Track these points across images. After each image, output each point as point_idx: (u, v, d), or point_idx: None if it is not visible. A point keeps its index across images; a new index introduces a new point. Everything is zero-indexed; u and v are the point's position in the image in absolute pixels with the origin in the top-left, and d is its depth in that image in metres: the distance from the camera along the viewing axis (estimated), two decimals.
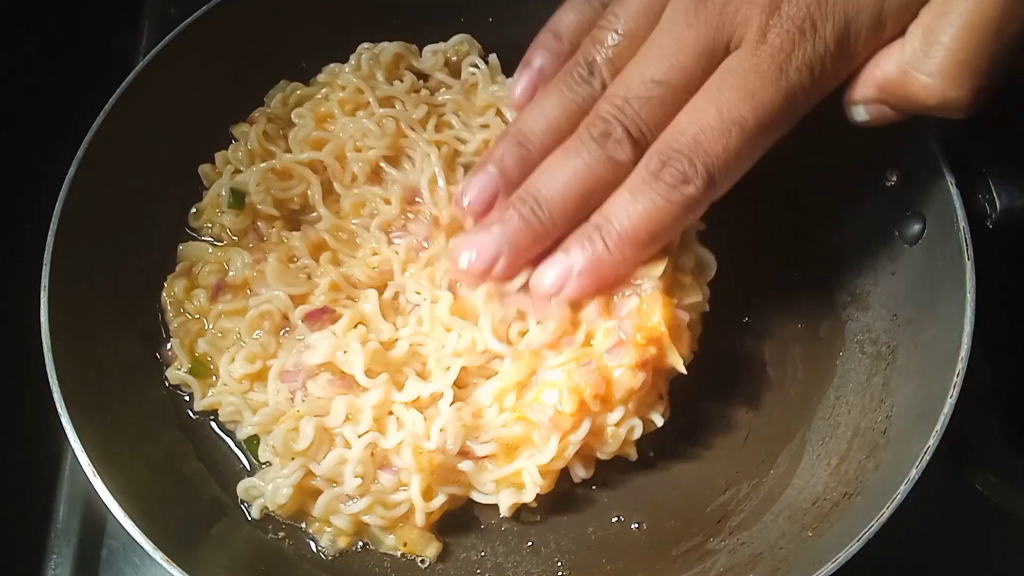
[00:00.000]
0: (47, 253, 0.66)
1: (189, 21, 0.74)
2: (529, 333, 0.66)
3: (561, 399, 0.63)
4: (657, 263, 0.64)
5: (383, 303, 0.70)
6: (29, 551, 0.75)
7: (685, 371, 0.66)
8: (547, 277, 0.62)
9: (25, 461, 0.77)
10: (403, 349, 0.68)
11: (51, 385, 0.63)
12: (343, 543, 0.67)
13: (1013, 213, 0.66)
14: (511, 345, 0.66)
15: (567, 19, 0.67)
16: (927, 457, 0.60)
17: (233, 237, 0.74)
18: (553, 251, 0.63)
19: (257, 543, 0.67)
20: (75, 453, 0.61)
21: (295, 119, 0.76)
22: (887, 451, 0.66)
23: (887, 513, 0.59)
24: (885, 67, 0.57)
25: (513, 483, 0.66)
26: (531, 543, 0.69)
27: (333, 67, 0.79)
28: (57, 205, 0.67)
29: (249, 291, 0.71)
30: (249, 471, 0.70)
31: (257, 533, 0.68)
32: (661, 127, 0.59)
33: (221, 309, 0.71)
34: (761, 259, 0.77)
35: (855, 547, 0.58)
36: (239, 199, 0.72)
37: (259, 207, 0.72)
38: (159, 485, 0.66)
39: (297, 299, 0.70)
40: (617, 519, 0.70)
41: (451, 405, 0.65)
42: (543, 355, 0.65)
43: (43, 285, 0.65)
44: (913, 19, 0.55)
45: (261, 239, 0.73)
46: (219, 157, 0.76)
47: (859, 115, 0.60)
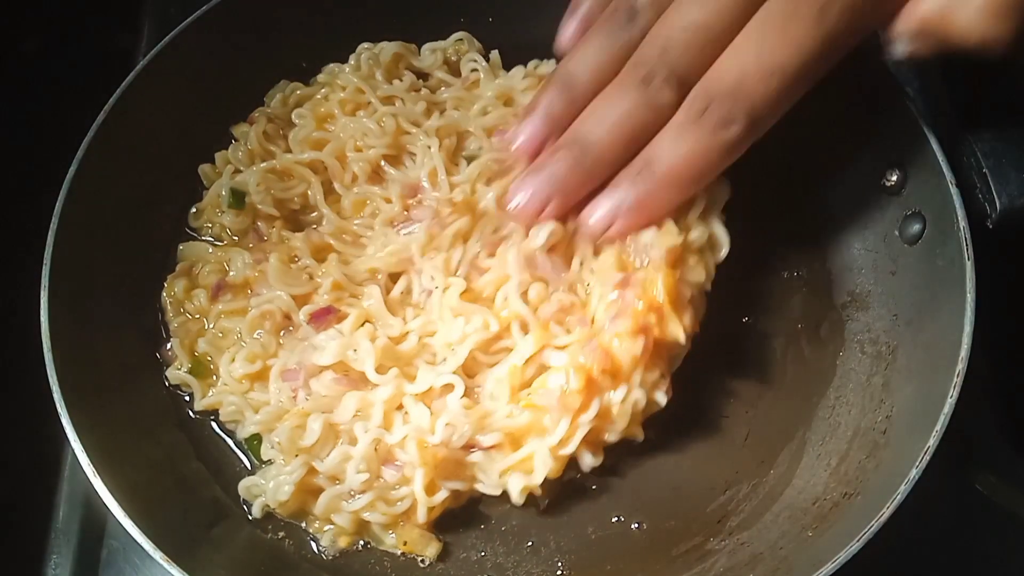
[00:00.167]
0: (47, 253, 0.66)
1: (189, 21, 0.74)
2: (543, 305, 0.67)
3: (568, 379, 0.64)
4: (668, 232, 0.65)
5: (391, 299, 0.70)
6: (29, 551, 0.75)
7: (685, 341, 0.66)
8: (598, 214, 0.64)
9: (25, 461, 0.77)
10: (412, 342, 0.68)
11: (51, 385, 0.63)
12: (344, 542, 0.67)
13: (1013, 213, 0.66)
14: (531, 310, 0.67)
15: None
16: (927, 457, 0.60)
17: (233, 237, 0.74)
18: (599, 191, 0.65)
19: (257, 543, 0.67)
20: (75, 453, 0.61)
21: (295, 119, 0.76)
22: (887, 451, 0.66)
23: (887, 513, 0.59)
24: (926, 4, 0.57)
25: (521, 469, 0.66)
26: (531, 543, 0.69)
27: (333, 67, 0.79)
28: (57, 205, 0.67)
29: (249, 291, 0.71)
30: (249, 470, 0.70)
31: (257, 533, 0.68)
32: (702, 70, 0.60)
33: (221, 309, 0.71)
34: (761, 259, 0.78)
35: (855, 547, 0.58)
36: (239, 199, 0.72)
37: (259, 207, 0.72)
38: (159, 485, 0.66)
39: (299, 299, 0.70)
40: (617, 519, 0.70)
41: (460, 399, 0.66)
42: (552, 331, 0.67)
43: (43, 285, 0.65)
44: None
45: (261, 239, 0.73)
46: (219, 157, 0.76)
47: (898, 50, 0.59)
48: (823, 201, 0.78)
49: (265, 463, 0.68)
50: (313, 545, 0.68)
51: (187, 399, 0.71)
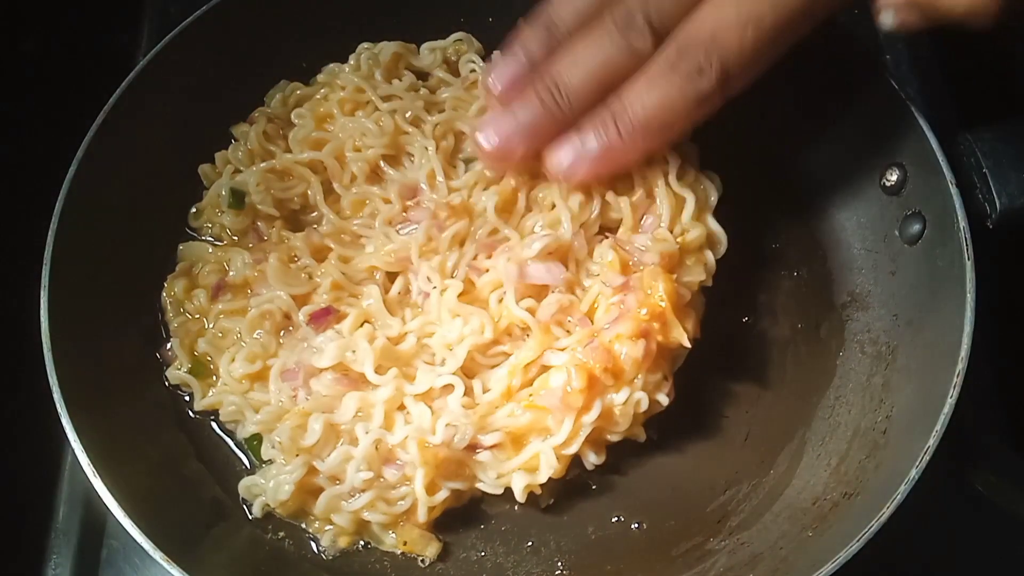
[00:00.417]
0: (47, 253, 0.66)
1: (189, 21, 0.74)
2: (540, 308, 0.67)
3: (570, 379, 0.64)
4: (663, 237, 0.66)
5: (390, 299, 0.70)
6: (29, 551, 0.74)
7: (689, 345, 0.66)
8: (562, 159, 0.64)
9: (25, 461, 0.77)
10: (411, 343, 0.68)
11: (51, 385, 0.63)
12: (344, 542, 0.67)
13: (1013, 213, 0.66)
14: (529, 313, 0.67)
15: None
16: (927, 457, 0.60)
17: (233, 237, 0.74)
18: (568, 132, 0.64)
19: (258, 543, 0.67)
20: (75, 453, 0.61)
21: (295, 119, 0.76)
22: (887, 451, 0.66)
23: (887, 513, 0.59)
24: None
25: (525, 468, 0.66)
26: (531, 543, 0.69)
27: (333, 67, 0.79)
28: (57, 205, 0.67)
29: (249, 291, 0.71)
30: (249, 470, 0.70)
31: (257, 533, 0.68)
32: (680, 19, 0.60)
33: (221, 309, 0.71)
34: (761, 259, 0.78)
35: (855, 547, 0.58)
36: (239, 199, 0.72)
37: (259, 207, 0.72)
38: (159, 485, 0.66)
39: (298, 299, 0.70)
40: (617, 519, 0.70)
41: (462, 396, 0.66)
42: (552, 332, 0.67)
43: (43, 285, 0.65)
44: None
45: (261, 239, 0.73)
46: (219, 157, 0.76)
47: (887, 20, 0.58)
48: (823, 201, 0.78)
49: (265, 463, 0.68)
50: (313, 545, 0.68)
51: (187, 399, 0.71)
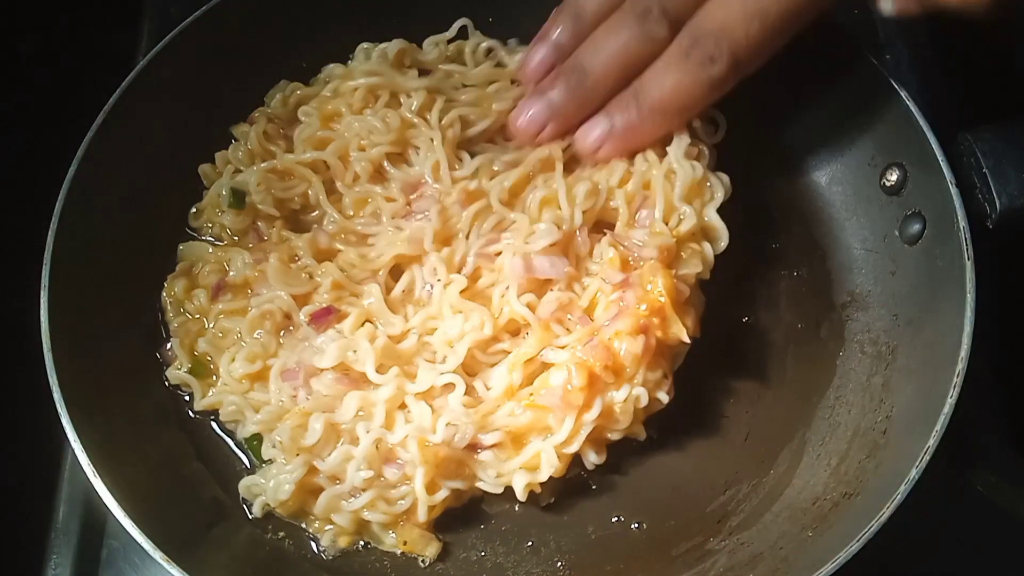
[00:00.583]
0: (47, 253, 0.66)
1: (189, 21, 0.74)
2: (540, 304, 0.68)
3: (570, 377, 0.64)
4: (659, 231, 0.68)
5: (391, 298, 0.70)
6: (29, 551, 0.74)
7: (689, 340, 0.67)
8: (591, 135, 0.70)
9: (25, 461, 0.77)
10: (412, 341, 0.68)
11: (51, 385, 0.63)
12: (344, 542, 0.67)
13: (1013, 213, 0.66)
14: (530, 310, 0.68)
15: None
16: (927, 457, 0.60)
17: (233, 237, 0.74)
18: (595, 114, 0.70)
19: (258, 543, 0.67)
20: (75, 453, 0.61)
21: (301, 117, 0.76)
22: (887, 451, 0.66)
23: (887, 513, 0.59)
24: None
25: (526, 466, 0.66)
26: (531, 543, 0.69)
27: (333, 67, 0.79)
28: (57, 205, 0.67)
29: (249, 291, 0.71)
30: (249, 470, 0.70)
31: (258, 533, 0.68)
32: (693, 10, 0.65)
33: (221, 309, 0.71)
34: (761, 259, 0.78)
35: (855, 547, 0.58)
36: (239, 199, 0.72)
37: (259, 207, 0.72)
38: (159, 485, 0.66)
39: (299, 299, 0.70)
40: (617, 519, 0.70)
41: (462, 396, 0.66)
42: (552, 330, 0.67)
43: (43, 285, 0.65)
44: None
45: (261, 239, 0.73)
46: (219, 157, 0.76)
47: (886, 6, 0.64)
48: (823, 201, 0.78)
49: (265, 463, 0.68)
50: (313, 545, 0.68)
51: (187, 399, 0.71)
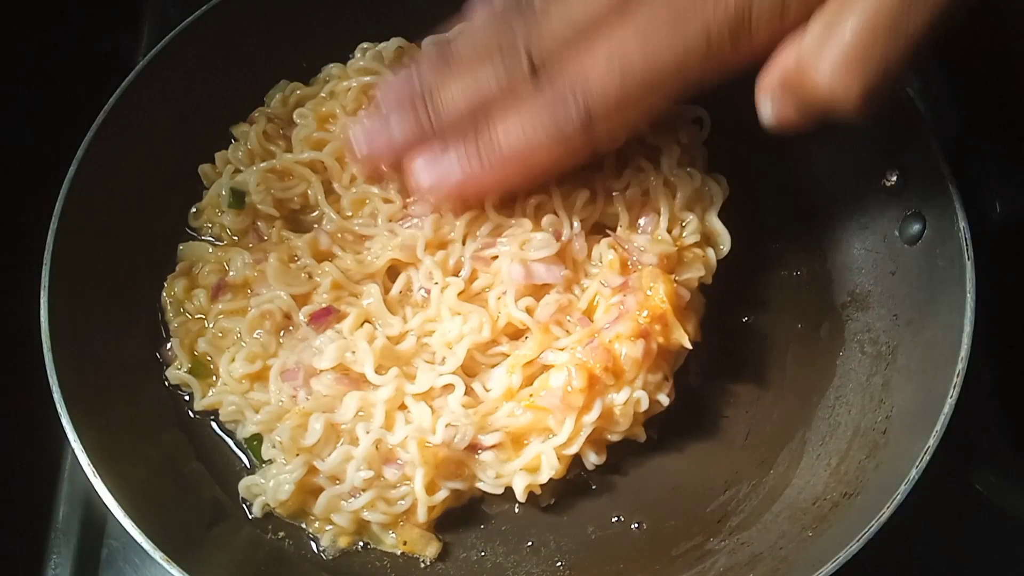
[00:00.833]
0: (47, 253, 0.66)
1: (189, 21, 0.74)
2: (539, 308, 0.67)
3: (570, 378, 0.64)
4: (662, 240, 0.68)
5: (390, 298, 0.70)
6: (29, 551, 0.75)
7: (691, 346, 0.67)
8: (423, 176, 0.66)
9: (25, 461, 0.77)
10: (411, 342, 0.68)
11: (51, 385, 0.63)
12: (344, 543, 0.67)
13: (1013, 213, 0.67)
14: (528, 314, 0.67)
15: None
16: (927, 457, 0.60)
17: (233, 237, 0.74)
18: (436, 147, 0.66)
19: (257, 543, 0.67)
20: (75, 453, 0.61)
21: (297, 119, 0.76)
22: (887, 451, 0.66)
23: (887, 513, 0.59)
24: (786, 56, 0.55)
25: (526, 467, 0.67)
26: (531, 543, 0.69)
27: (332, 67, 0.79)
28: (57, 205, 0.67)
29: (249, 291, 0.71)
30: (249, 470, 0.70)
31: (257, 533, 0.68)
32: (561, 60, 0.60)
33: (221, 309, 0.71)
34: (761, 259, 0.78)
35: (855, 547, 0.58)
36: (239, 199, 0.72)
37: (259, 207, 0.72)
38: (159, 485, 0.66)
39: (299, 299, 0.70)
40: (617, 519, 0.70)
41: (462, 396, 0.66)
42: (552, 332, 0.67)
43: (43, 285, 0.65)
44: (818, 9, 0.53)
45: (261, 239, 0.73)
46: (219, 157, 0.76)
47: (764, 108, 0.58)
48: (823, 201, 0.78)
49: (265, 463, 0.68)
50: (313, 545, 0.68)
51: (187, 399, 0.71)
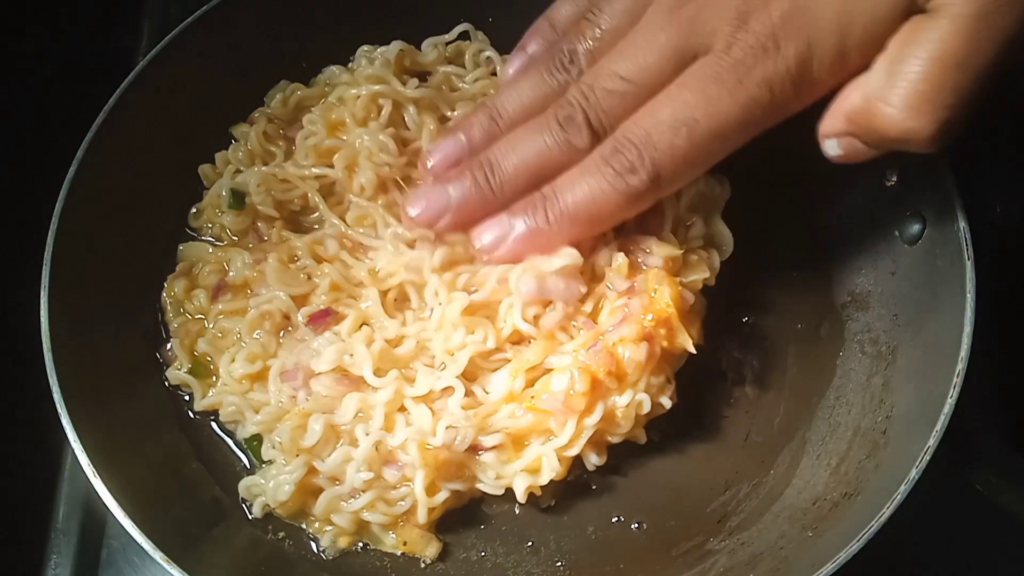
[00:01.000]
0: (47, 253, 0.66)
1: (189, 21, 0.74)
2: (544, 316, 0.67)
3: (573, 382, 0.63)
4: (668, 243, 0.67)
5: (389, 301, 0.70)
6: (29, 551, 0.75)
7: (695, 351, 0.67)
8: (486, 235, 0.65)
9: (25, 461, 0.77)
10: (410, 346, 0.68)
11: (51, 385, 0.63)
12: (343, 543, 0.67)
13: (1013, 213, 0.67)
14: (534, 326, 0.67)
15: (563, 10, 0.70)
16: (927, 457, 0.60)
17: (233, 237, 0.74)
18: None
19: (257, 543, 0.67)
20: (75, 453, 0.61)
21: (306, 124, 0.75)
22: (887, 451, 0.66)
23: (887, 513, 0.59)
24: (852, 97, 0.56)
25: (527, 469, 0.66)
26: (531, 543, 0.69)
27: (333, 69, 0.79)
28: (57, 205, 0.67)
29: (249, 291, 0.71)
30: (249, 470, 0.70)
31: (257, 533, 0.68)
32: (620, 120, 0.61)
33: (221, 309, 0.71)
34: (761, 259, 0.77)
35: (855, 547, 0.58)
36: (239, 199, 0.72)
37: (259, 208, 0.72)
38: (159, 485, 0.66)
39: (298, 299, 0.70)
40: (617, 519, 0.70)
41: (462, 398, 0.65)
42: (557, 338, 0.67)
43: (43, 285, 0.65)
44: (880, 51, 0.55)
45: (261, 239, 0.73)
46: (219, 157, 0.76)
47: (831, 149, 0.59)
48: (823, 201, 0.78)
49: (265, 463, 0.68)
50: (313, 545, 0.68)
51: (187, 399, 0.71)
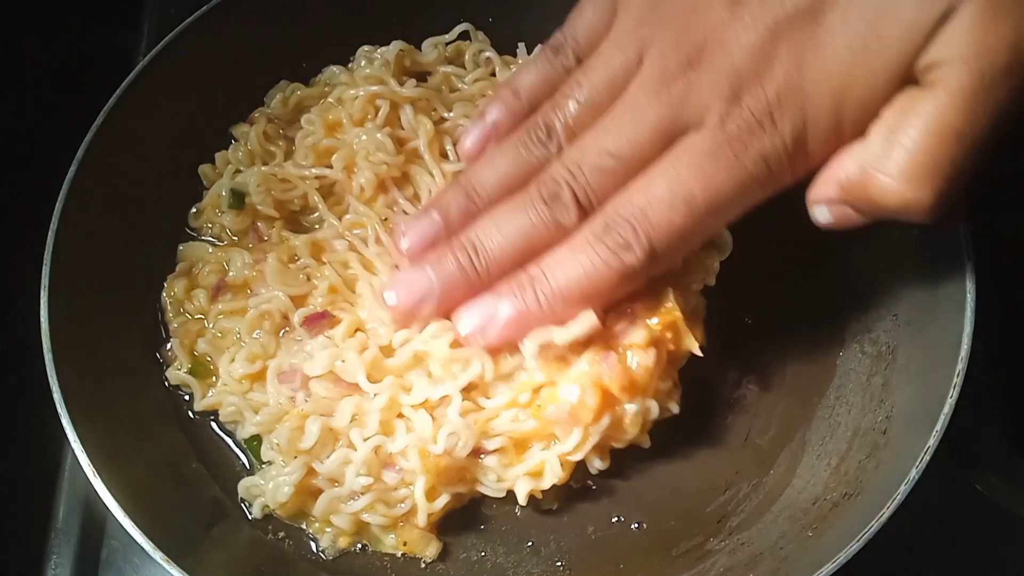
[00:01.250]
0: (47, 253, 0.66)
1: (189, 21, 0.74)
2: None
3: (584, 396, 0.62)
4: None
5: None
6: (29, 551, 0.75)
7: (700, 353, 0.66)
8: (471, 319, 0.62)
9: (25, 461, 0.77)
10: (405, 356, 0.66)
11: (51, 385, 0.63)
12: (343, 543, 0.67)
13: (1013, 214, 0.66)
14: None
15: (528, 78, 0.67)
16: (927, 457, 0.60)
17: (233, 237, 0.74)
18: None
19: (257, 543, 0.67)
20: (75, 453, 0.61)
21: (304, 124, 0.75)
22: (887, 451, 0.66)
23: (887, 513, 0.59)
24: (847, 166, 0.55)
25: (529, 472, 0.66)
26: (531, 543, 0.69)
27: (333, 69, 0.79)
28: (57, 205, 0.67)
29: (249, 291, 0.71)
30: (249, 470, 0.70)
31: (257, 533, 0.68)
32: (608, 196, 0.59)
33: (221, 309, 0.71)
34: (761, 259, 0.77)
35: (855, 547, 0.58)
36: (239, 199, 0.72)
37: (259, 208, 0.72)
38: (159, 485, 0.66)
39: (297, 300, 0.70)
40: (617, 519, 0.70)
41: (462, 404, 0.65)
42: (568, 359, 0.64)
43: (43, 285, 0.65)
44: (874, 121, 0.54)
45: (261, 239, 0.73)
46: (219, 157, 0.76)
47: (822, 215, 0.58)
48: None
49: (265, 464, 0.68)
50: (313, 545, 0.68)
51: (187, 399, 0.71)
